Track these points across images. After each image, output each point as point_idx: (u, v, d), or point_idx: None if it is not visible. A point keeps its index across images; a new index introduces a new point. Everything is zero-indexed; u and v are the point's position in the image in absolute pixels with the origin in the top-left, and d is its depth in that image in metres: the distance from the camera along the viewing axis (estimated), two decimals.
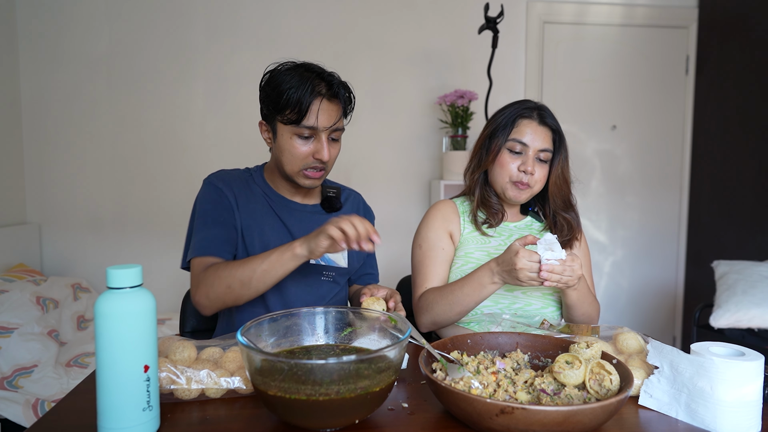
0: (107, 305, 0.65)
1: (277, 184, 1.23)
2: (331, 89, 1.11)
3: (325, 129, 1.11)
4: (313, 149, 1.12)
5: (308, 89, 1.08)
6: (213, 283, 1.03)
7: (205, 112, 2.83)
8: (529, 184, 1.25)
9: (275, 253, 1.00)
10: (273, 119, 1.14)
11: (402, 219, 2.93)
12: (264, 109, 1.16)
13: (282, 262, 0.99)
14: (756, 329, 2.16)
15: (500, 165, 1.26)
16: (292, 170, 1.15)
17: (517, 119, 1.26)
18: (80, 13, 2.70)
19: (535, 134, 1.24)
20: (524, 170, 1.24)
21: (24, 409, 1.85)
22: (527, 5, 3.00)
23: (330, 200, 1.26)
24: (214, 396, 0.79)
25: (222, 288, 1.02)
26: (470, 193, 1.34)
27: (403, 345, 0.72)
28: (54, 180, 2.76)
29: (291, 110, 1.09)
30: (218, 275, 1.02)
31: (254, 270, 1.00)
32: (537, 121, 1.26)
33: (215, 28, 2.79)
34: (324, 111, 1.10)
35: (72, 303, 2.39)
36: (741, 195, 2.84)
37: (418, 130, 2.97)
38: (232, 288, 1.01)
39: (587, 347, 0.82)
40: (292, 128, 1.11)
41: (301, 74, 1.10)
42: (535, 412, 0.62)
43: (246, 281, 1.00)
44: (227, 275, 1.01)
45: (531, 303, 1.25)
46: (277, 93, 1.10)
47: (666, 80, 3.17)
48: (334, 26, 2.86)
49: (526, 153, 1.25)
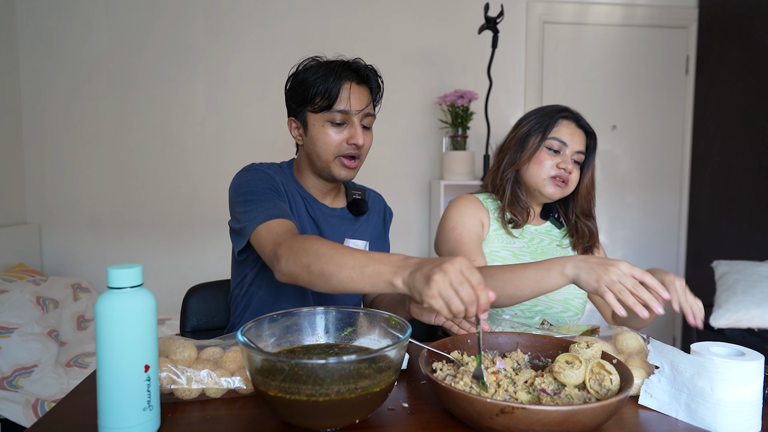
0: (107, 305, 0.65)
1: (308, 185, 1.20)
2: (359, 74, 1.11)
3: (357, 112, 1.10)
4: (347, 135, 1.10)
5: (337, 75, 1.07)
6: (297, 252, 0.88)
7: (205, 112, 2.83)
8: (567, 182, 1.24)
9: (372, 267, 0.80)
10: (303, 112, 1.12)
11: (402, 219, 2.93)
12: (292, 104, 1.15)
13: (373, 282, 0.80)
14: (756, 329, 2.16)
15: (538, 162, 1.25)
16: (327, 160, 1.11)
17: (557, 119, 1.26)
18: (80, 13, 2.70)
19: (574, 135, 1.25)
20: (564, 168, 1.23)
21: (24, 409, 1.85)
22: (527, 5, 3.00)
23: (357, 203, 1.23)
24: (214, 396, 0.79)
25: (302, 264, 0.87)
26: (496, 192, 1.32)
27: (404, 345, 0.72)
28: (54, 180, 2.76)
29: (321, 97, 1.08)
30: (305, 247, 0.88)
31: (342, 269, 0.83)
32: (575, 124, 1.27)
33: (215, 28, 2.80)
34: (355, 94, 1.09)
35: (72, 303, 2.39)
36: (741, 195, 2.84)
37: (418, 130, 2.97)
38: (311, 272, 0.86)
39: (587, 347, 0.82)
40: (324, 115, 1.09)
41: (326, 66, 1.10)
42: (535, 411, 0.62)
43: (327, 274, 0.84)
44: (314, 253, 0.86)
45: (552, 306, 1.24)
46: (304, 86, 1.09)
47: (666, 80, 3.17)
48: (334, 26, 2.86)
49: (564, 152, 1.25)
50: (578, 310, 1.27)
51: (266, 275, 1.15)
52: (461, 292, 0.70)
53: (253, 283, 1.17)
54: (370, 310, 0.87)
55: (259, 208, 1.02)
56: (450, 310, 0.71)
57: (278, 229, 0.96)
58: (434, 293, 0.70)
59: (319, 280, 0.85)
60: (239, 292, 1.20)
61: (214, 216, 2.78)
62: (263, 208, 1.02)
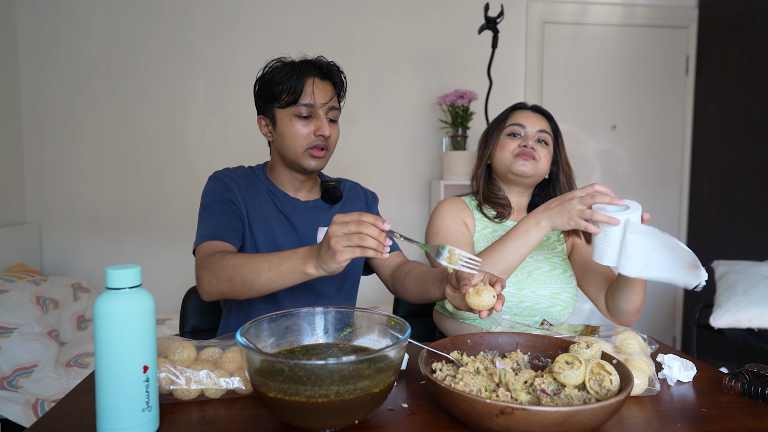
0: (106, 305, 0.65)
1: (280, 181, 1.24)
2: (321, 70, 1.17)
3: (322, 105, 1.15)
4: (314, 128, 1.15)
5: (300, 72, 1.14)
6: (217, 271, 0.98)
7: (205, 112, 2.83)
8: (534, 157, 1.26)
9: (284, 265, 0.91)
10: (270, 109, 1.17)
11: (402, 219, 2.93)
12: (260, 103, 1.20)
13: (290, 277, 0.91)
14: (756, 329, 2.16)
15: (501, 147, 1.31)
16: (296, 152, 1.16)
17: (511, 111, 1.35)
18: (80, 13, 2.70)
19: (530, 117, 1.32)
20: (525, 144, 1.27)
21: (24, 409, 1.85)
22: (527, 5, 3.00)
23: (330, 191, 1.27)
24: (213, 396, 0.79)
25: (224, 279, 0.97)
26: (476, 193, 1.37)
27: (403, 345, 0.72)
28: (54, 180, 2.76)
29: (287, 93, 1.13)
30: (223, 264, 0.98)
31: (259, 274, 0.93)
32: (531, 110, 1.34)
33: (215, 28, 2.80)
34: (319, 88, 1.15)
35: (72, 303, 2.39)
36: (741, 195, 2.84)
37: (418, 130, 2.97)
38: (234, 283, 0.96)
39: (587, 347, 0.82)
40: (290, 110, 1.14)
41: (290, 65, 1.16)
42: (535, 412, 0.61)
43: (248, 282, 0.95)
44: (232, 267, 0.96)
45: (539, 302, 1.24)
46: (271, 85, 1.15)
47: (666, 80, 3.17)
48: (334, 26, 2.86)
49: (525, 134, 1.30)
50: (567, 304, 1.26)
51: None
52: (352, 229, 0.80)
53: None
54: (370, 310, 0.87)
55: (200, 226, 1.13)
56: (366, 249, 0.80)
57: (203, 253, 1.05)
58: (339, 248, 0.81)
59: (243, 288, 0.96)
60: None
61: None
62: (203, 227, 1.12)
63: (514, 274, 1.24)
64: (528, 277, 1.25)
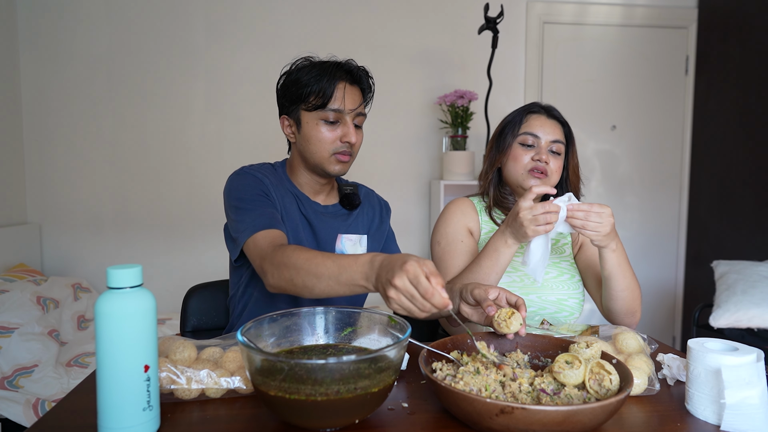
0: (107, 305, 0.65)
1: (300, 183, 1.21)
2: (352, 75, 1.14)
3: (350, 111, 1.12)
4: (341, 133, 1.13)
5: (331, 75, 1.10)
6: (278, 267, 0.94)
7: (205, 112, 2.83)
8: (546, 173, 1.24)
9: (344, 275, 0.87)
10: (296, 110, 1.14)
11: (402, 219, 2.93)
12: (285, 102, 1.17)
13: (350, 289, 0.88)
14: (756, 329, 2.16)
15: (513, 159, 1.27)
16: (322, 157, 1.14)
17: (525, 115, 1.29)
18: (80, 13, 2.70)
19: (545, 126, 1.27)
20: (539, 159, 1.24)
21: (24, 409, 1.85)
22: (527, 5, 3.00)
23: (349, 197, 1.25)
24: (214, 396, 0.79)
25: (286, 278, 0.93)
26: (485, 194, 1.35)
27: (403, 345, 0.72)
28: (54, 180, 2.76)
29: (315, 96, 1.10)
30: (284, 263, 0.94)
31: (320, 279, 0.89)
32: (545, 115, 1.29)
33: (215, 28, 2.80)
34: (348, 94, 1.12)
35: (72, 303, 2.39)
36: (741, 195, 2.84)
37: (418, 130, 2.97)
38: (296, 285, 0.93)
39: (587, 347, 0.82)
40: (317, 113, 1.12)
41: (319, 66, 1.13)
42: (535, 412, 0.62)
43: (310, 287, 0.91)
44: (293, 268, 0.92)
45: (545, 308, 1.24)
46: (298, 86, 1.12)
47: (666, 80, 3.17)
48: (334, 26, 2.86)
49: (538, 145, 1.26)
50: (574, 310, 1.26)
51: (260, 278, 1.16)
52: (415, 303, 0.78)
53: (249, 284, 1.19)
54: (371, 309, 0.87)
55: (247, 218, 1.06)
56: (414, 314, 0.79)
57: (263, 243, 1.01)
58: (395, 307, 0.80)
59: (304, 291, 0.93)
60: (236, 294, 1.21)
61: (214, 216, 2.78)
62: (251, 218, 1.06)
63: (520, 279, 1.25)
64: (535, 282, 1.25)
